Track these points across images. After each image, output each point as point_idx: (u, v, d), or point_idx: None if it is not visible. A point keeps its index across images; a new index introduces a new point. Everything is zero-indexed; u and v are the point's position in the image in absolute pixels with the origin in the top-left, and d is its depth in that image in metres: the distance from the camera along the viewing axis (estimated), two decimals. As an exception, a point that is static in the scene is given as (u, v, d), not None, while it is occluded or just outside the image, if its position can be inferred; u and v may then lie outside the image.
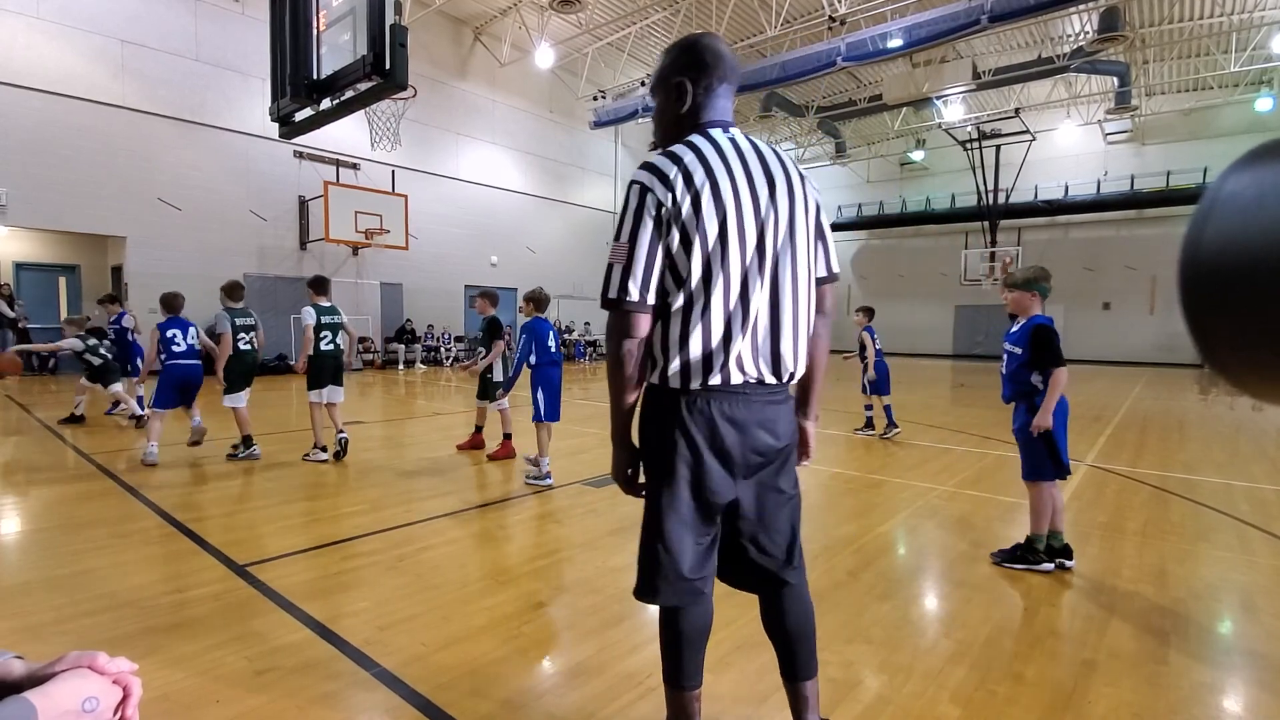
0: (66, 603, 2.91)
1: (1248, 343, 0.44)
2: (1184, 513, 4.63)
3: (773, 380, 1.68)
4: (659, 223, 1.57)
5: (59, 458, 6.05)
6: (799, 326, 1.71)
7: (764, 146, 1.74)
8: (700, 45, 1.73)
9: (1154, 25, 18.06)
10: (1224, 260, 0.44)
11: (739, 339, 1.61)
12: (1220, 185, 0.47)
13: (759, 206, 1.64)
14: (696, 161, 1.60)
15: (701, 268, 1.58)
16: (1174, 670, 2.47)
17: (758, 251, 1.63)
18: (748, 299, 1.62)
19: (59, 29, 12.45)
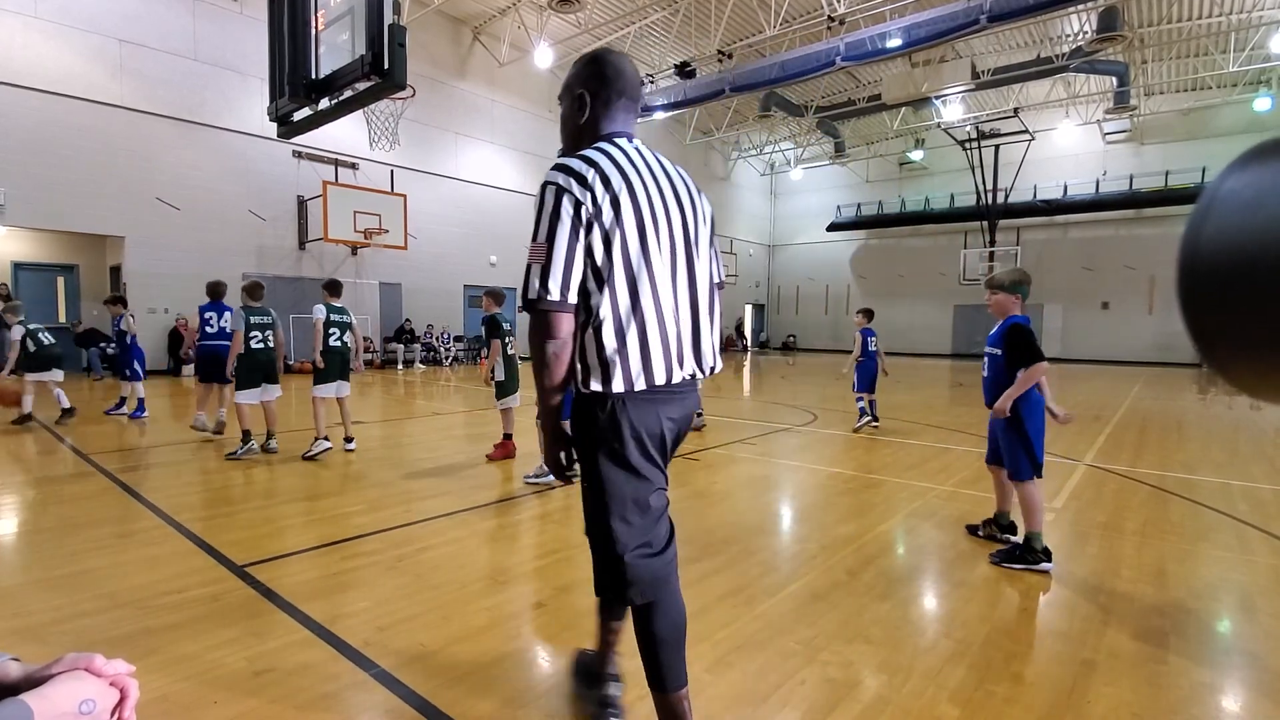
0: (65, 603, 2.91)
1: (1246, 341, 0.44)
2: (1183, 512, 4.64)
3: (701, 376, 1.82)
4: (578, 223, 1.61)
5: (57, 457, 6.04)
6: (714, 326, 1.85)
7: (663, 158, 1.85)
8: (603, 60, 1.82)
9: (1153, 25, 18.08)
10: (1222, 259, 0.44)
11: (671, 340, 1.72)
12: (1218, 185, 0.47)
13: (669, 213, 1.74)
14: (611, 165, 1.66)
15: (625, 270, 1.64)
16: (1173, 670, 2.47)
17: (673, 255, 1.74)
18: (675, 300, 1.73)
19: (57, 28, 12.43)
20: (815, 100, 24.27)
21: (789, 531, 4.31)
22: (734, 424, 8.71)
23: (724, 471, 5.78)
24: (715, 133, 27.25)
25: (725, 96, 18.56)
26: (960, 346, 28.22)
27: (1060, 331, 25.77)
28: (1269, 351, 0.43)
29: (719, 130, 27.07)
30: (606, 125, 1.81)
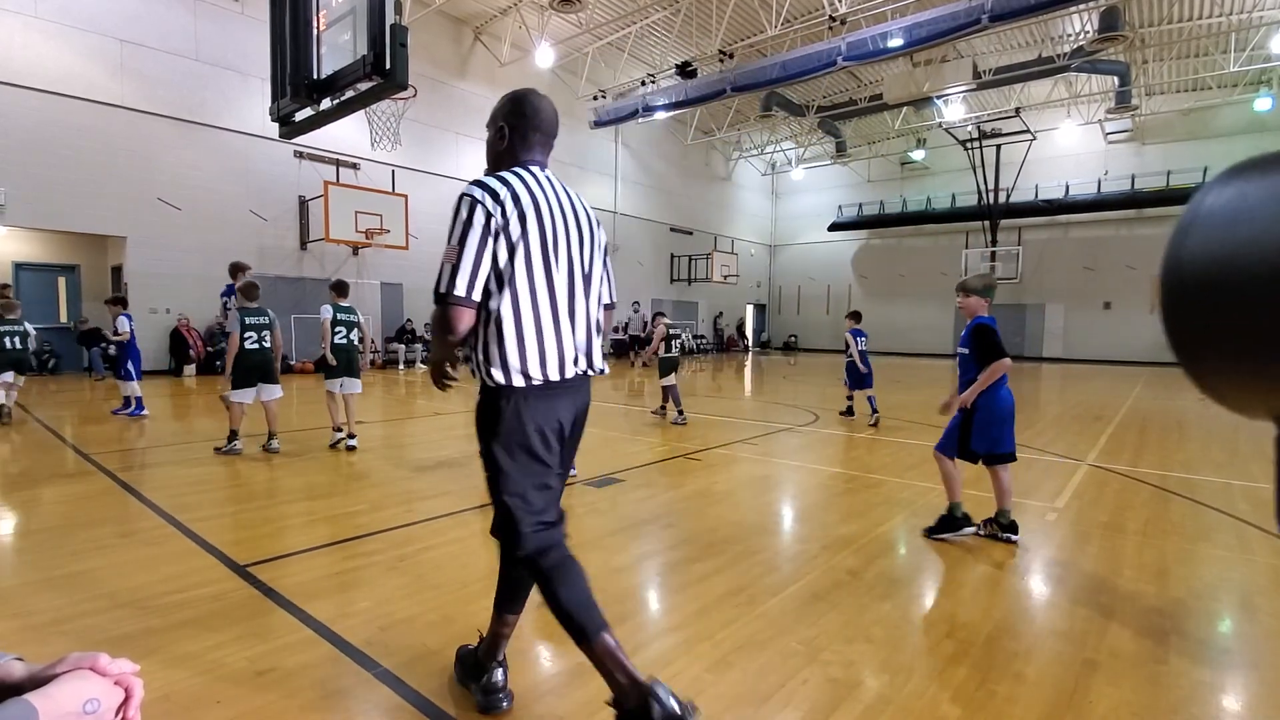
0: (67, 603, 2.91)
1: (1227, 357, 0.45)
2: (1184, 512, 4.63)
3: (592, 373, 2.10)
4: (487, 232, 1.85)
5: (59, 457, 6.05)
6: (601, 332, 2.15)
7: (568, 187, 2.12)
8: (524, 100, 2.09)
9: (1153, 25, 18.06)
10: (1203, 276, 0.44)
11: (567, 340, 1.99)
12: (1201, 200, 0.47)
13: (569, 233, 2.01)
14: (522, 187, 1.92)
15: (526, 276, 1.90)
16: (1174, 670, 2.47)
17: (570, 268, 2.00)
18: (571, 306, 2.00)
19: (57, 28, 12.43)
20: (817, 100, 24.25)
21: (790, 531, 4.31)
22: (735, 424, 8.71)
23: (725, 471, 5.78)
24: (716, 132, 27.24)
25: (726, 96, 18.56)
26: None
27: (1062, 331, 25.75)
28: (1246, 367, 0.44)
29: (720, 130, 27.06)
30: (522, 154, 2.06)
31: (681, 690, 2.26)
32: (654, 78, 20.29)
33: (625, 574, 3.39)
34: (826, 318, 32.47)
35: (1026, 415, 9.84)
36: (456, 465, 5.96)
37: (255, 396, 6.34)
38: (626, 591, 3.17)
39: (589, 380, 2.12)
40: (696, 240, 28.63)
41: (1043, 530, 4.21)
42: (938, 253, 28.44)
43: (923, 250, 29.18)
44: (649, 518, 4.38)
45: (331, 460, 6.00)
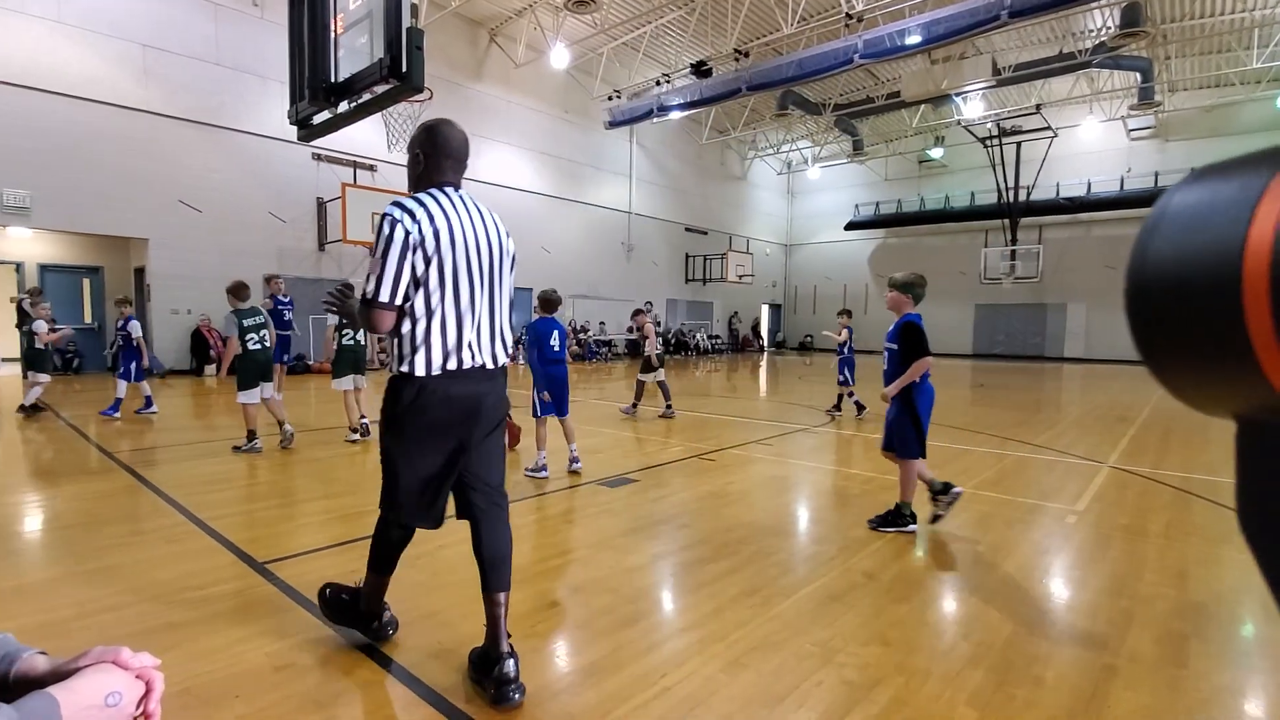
0: (90, 598, 2.97)
1: (1187, 357, 0.46)
2: (1207, 515, 4.55)
3: (491, 366, 2.37)
4: (405, 247, 2.15)
5: (84, 455, 6.17)
6: (506, 331, 2.43)
7: (481, 205, 2.42)
8: (435, 130, 2.38)
9: (1176, 21, 17.74)
10: (1165, 276, 0.45)
11: (469, 338, 2.28)
12: (1166, 202, 0.49)
13: (479, 246, 2.30)
14: (436, 206, 2.22)
15: (439, 283, 2.20)
16: (1194, 674, 2.43)
17: (481, 275, 2.30)
18: (475, 310, 2.29)
19: (82, 34, 12.68)
20: (833, 98, 24.10)
21: (806, 532, 4.28)
22: (750, 424, 8.68)
23: (740, 472, 5.76)
24: (732, 132, 27.16)
25: (742, 95, 18.50)
26: (982, 346, 27.89)
27: (1083, 331, 25.36)
28: (1206, 367, 0.45)
29: (735, 129, 26.98)
30: (437, 177, 2.36)
31: (695, 691, 2.27)
32: (669, 77, 20.28)
33: (639, 574, 3.39)
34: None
35: (1047, 416, 9.71)
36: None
37: (260, 395, 6.44)
38: (640, 591, 3.17)
39: (496, 373, 2.41)
40: (711, 240, 28.57)
41: (1062, 533, 4.15)
42: (956, 252, 28.14)
43: (941, 249, 28.87)
44: (663, 518, 4.37)
45: (347, 459, 6.07)
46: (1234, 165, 0.44)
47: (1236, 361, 0.41)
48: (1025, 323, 26.76)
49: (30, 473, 5.53)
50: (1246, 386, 0.41)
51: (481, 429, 2.36)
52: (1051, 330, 26.14)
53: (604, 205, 23.95)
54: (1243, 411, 0.46)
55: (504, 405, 2.47)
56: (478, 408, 2.34)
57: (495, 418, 2.42)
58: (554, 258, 22.01)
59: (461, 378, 2.28)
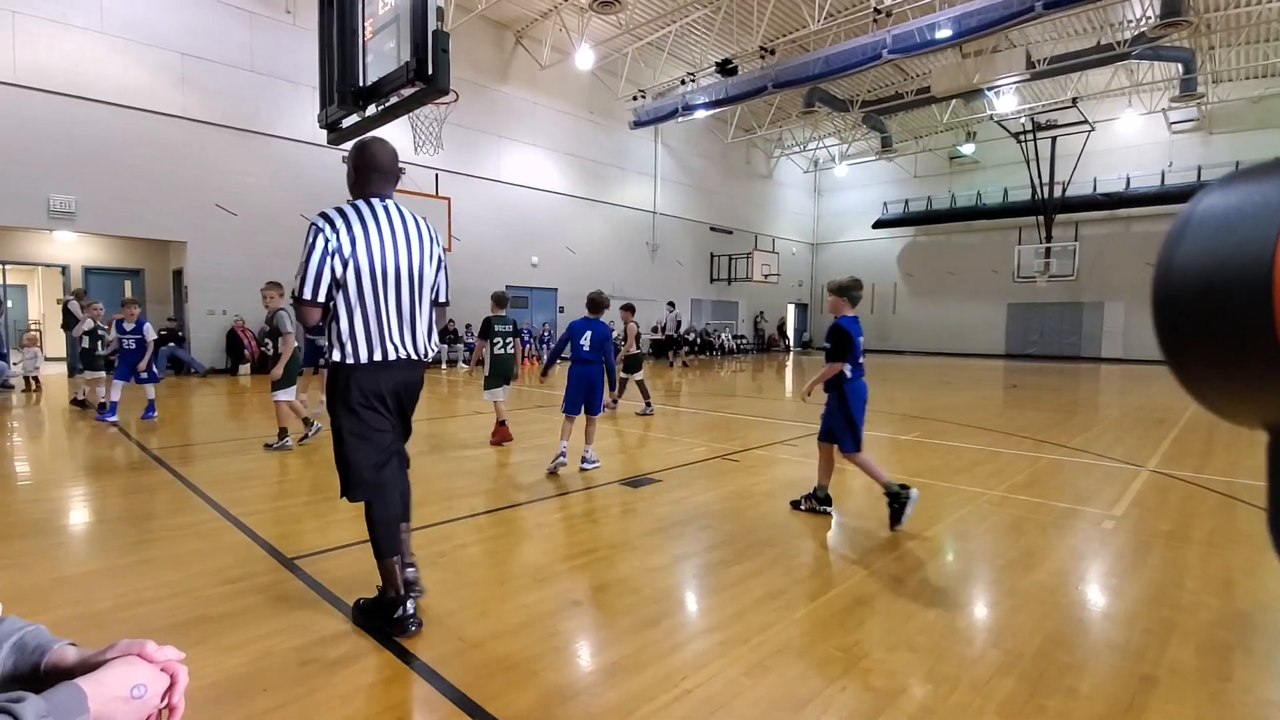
0: (127, 590, 3.05)
1: (1215, 365, 0.44)
2: (1253, 521, 4.37)
3: (415, 357, 2.74)
4: (325, 252, 2.49)
5: (125, 452, 6.36)
6: (428, 325, 2.81)
7: (407, 213, 2.73)
8: (365, 147, 2.68)
9: (1220, 9, 17.12)
10: (1193, 282, 0.43)
11: (390, 332, 2.62)
12: (1195, 206, 0.47)
13: (398, 249, 2.63)
14: (355, 216, 2.56)
15: (356, 284, 2.53)
16: (1239, 687, 2.33)
17: (398, 276, 2.63)
18: (394, 307, 2.63)
19: (124, 43, 13.10)
20: (860, 95, 23.79)
21: (832, 535, 4.22)
22: (776, 425, 8.61)
23: (765, 473, 5.71)
24: (757, 130, 26.99)
25: (768, 93, 18.36)
26: (1015, 347, 27.28)
27: (1121, 331, 24.65)
28: (1235, 375, 0.42)
29: (761, 127, 26.80)
30: (366, 189, 2.68)
31: (717, 694, 2.24)
32: (694, 76, 20.22)
33: (661, 574, 3.38)
34: (871, 317, 31.80)
35: (1083, 418, 9.44)
36: (496, 464, 6.04)
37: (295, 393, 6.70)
38: (663, 592, 3.15)
39: (416, 362, 2.76)
40: (737, 239, 28.42)
41: (1099, 538, 4.02)
42: (989, 249, 27.57)
43: (973, 247, 28.32)
44: (686, 519, 4.35)
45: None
46: (1260, 172, 0.42)
47: (1267, 369, 0.39)
48: (1060, 322, 26.10)
49: (73, 469, 5.72)
50: (1277, 395, 0.39)
51: (406, 411, 2.82)
52: (1088, 330, 25.46)
53: (629, 205, 23.97)
54: (1274, 421, 0.44)
55: (417, 394, 2.86)
56: (402, 393, 2.73)
57: (413, 403, 2.86)
58: (579, 258, 22.10)
59: (388, 367, 2.64)
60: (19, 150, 12.07)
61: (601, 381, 5.77)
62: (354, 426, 2.64)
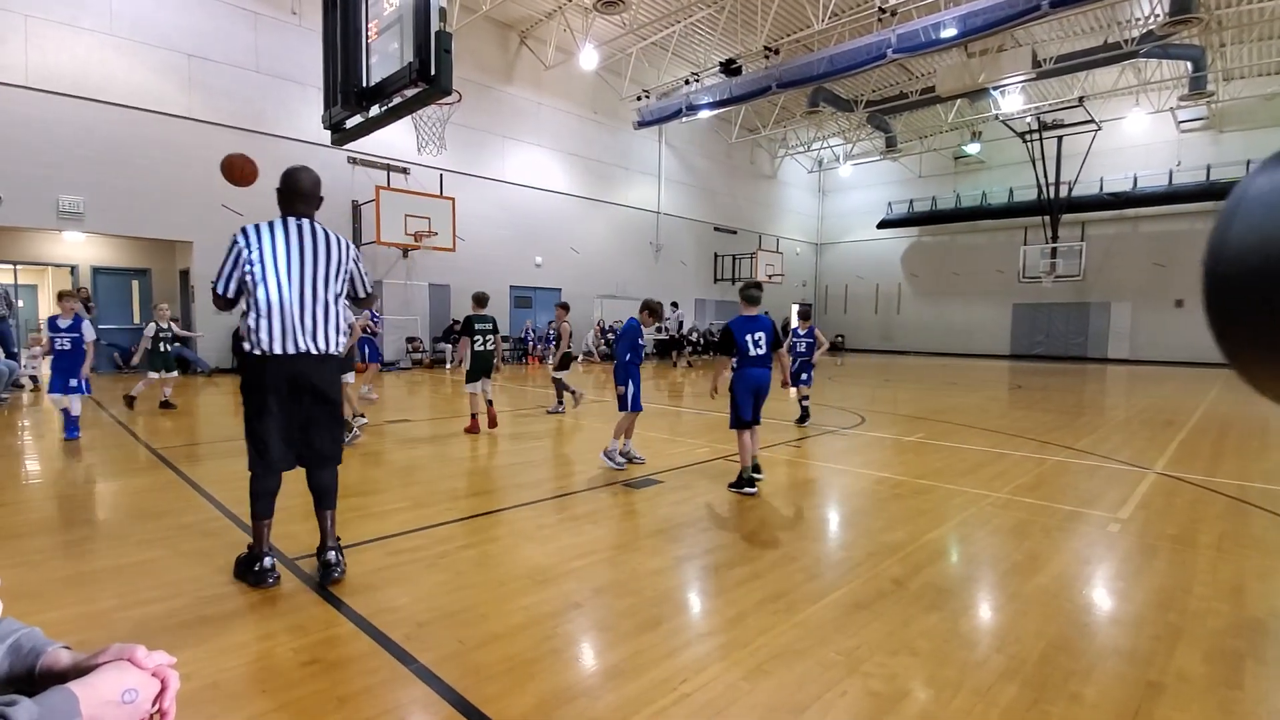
0: (128, 590, 3.06)
1: (1270, 345, 0.41)
2: (1265, 526, 4.32)
3: (315, 352, 3.11)
4: (238, 259, 3.03)
5: (129, 452, 6.39)
6: (329, 323, 3.17)
7: (320, 229, 3.20)
8: (288, 175, 3.21)
9: (1231, 6, 16.98)
10: (1249, 261, 0.41)
11: (292, 329, 3.04)
12: (1246, 186, 0.44)
13: (304, 258, 3.09)
14: (269, 232, 3.07)
15: (263, 286, 3.00)
16: (1249, 696, 2.29)
17: (301, 284, 3.07)
18: (296, 308, 3.05)
19: (131, 45, 13.16)
20: (865, 94, 23.71)
21: (833, 537, 4.20)
22: (778, 426, 8.58)
23: (767, 474, 5.68)
24: (761, 130, 26.94)
25: (772, 93, 18.32)
26: (1020, 347, 27.14)
27: (1128, 331, 24.50)
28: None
29: (765, 127, 26.75)
30: (286, 209, 3.19)
31: (716, 697, 2.23)
32: (698, 76, 20.19)
33: (662, 576, 3.36)
34: (875, 317, 31.72)
35: (1089, 419, 9.38)
36: (497, 465, 6.04)
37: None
38: (663, 594, 3.14)
39: (318, 356, 3.13)
40: (740, 239, 28.37)
41: (1105, 542, 3.99)
42: (994, 250, 27.45)
43: (978, 247, 28.20)
44: (687, 520, 4.34)
45: (375, 458, 6.16)
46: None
47: None
48: (1066, 323, 25.95)
49: (80, 467, 5.74)
50: None
51: (309, 401, 3.12)
52: (1095, 330, 25.31)
53: (633, 205, 23.95)
54: None
55: (327, 385, 3.17)
56: (303, 383, 3.08)
57: (321, 393, 3.14)
58: (582, 258, 22.10)
59: (289, 360, 3.04)
60: (29, 152, 12.13)
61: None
62: (254, 409, 3.07)
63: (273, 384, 3.03)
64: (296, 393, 3.08)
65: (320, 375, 3.13)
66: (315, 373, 3.11)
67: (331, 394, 3.19)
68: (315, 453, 3.18)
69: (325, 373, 3.15)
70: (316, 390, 3.12)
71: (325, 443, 3.20)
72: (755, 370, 5.08)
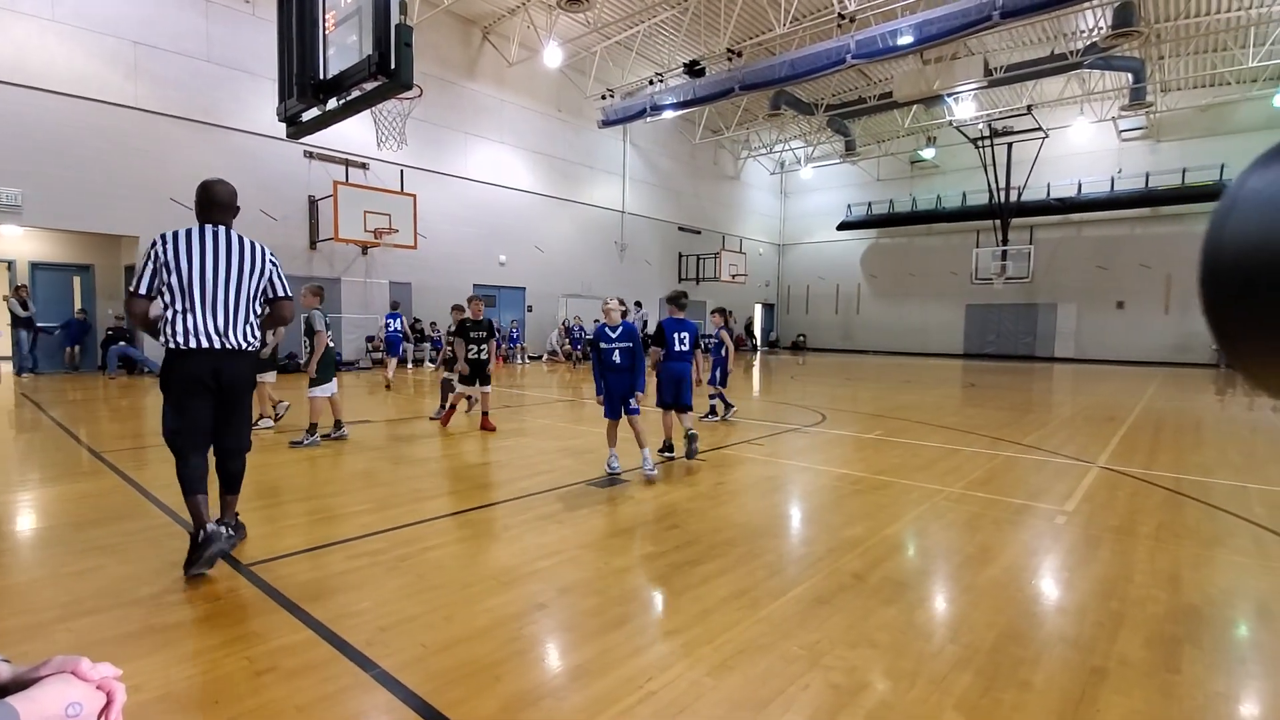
0: (71, 600, 2.93)
1: (1268, 339, 0.43)
2: (1199, 516, 4.56)
3: (228, 348, 3.31)
4: (156, 262, 3.21)
5: (71, 455, 6.11)
6: (241, 320, 3.37)
7: (236, 235, 3.42)
8: (204, 187, 3.41)
9: (1170, 20, 17.82)
10: (1245, 258, 0.43)
11: (205, 327, 3.25)
12: (1241, 184, 0.46)
13: (218, 262, 3.30)
14: (184, 237, 3.26)
15: (180, 287, 3.21)
16: (1187, 679, 2.42)
17: (215, 285, 3.28)
18: (210, 307, 3.27)
19: (73, 31, 12.58)
20: (825, 98, 24.14)
21: (795, 533, 4.27)
22: (742, 424, 8.68)
23: (731, 472, 5.75)
24: (725, 131, 27.18)
25: (735, 95, 18.50)
26: (973, 347, 27.99)
27: (1074, 331, 25.50)
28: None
29: (729, 129, 27.00)
30: (203, 218, 3.38)
31: (681, 695, 2.25)
32: (662, 77, 20.26)
33: (627, 575, 3.37)
34: (836, 317, 32.33)
35: (1037, 416, 9.74)
36: (463, 465, 5.97)
37: (332, 390, 6.90)
38: (628, 593, 3.15)
39: (234, 351, 3.33)
40: (705, 239, 28.58)
41: (1052, 533, 4.15)
42: (948, 252, 28.25)
43: (933, 249, 28.99)
44: (653, 518, 4.36)
45: (336, 459, 6.02)
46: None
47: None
48: (1016, 323, 26.89)
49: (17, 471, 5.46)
50: None
51: (222, 393, 3.34)
52: (1042, 330, 26.27)
53: (597, 204, 23.92)
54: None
55: (242, 379, 3.40)
56: (215, 377, 3.29)
57: (233, 386, 3.36)
58: (547, 257, 21.97)
59: (202, 355, 3.25)
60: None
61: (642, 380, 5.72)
62: (173, 400, 3.27)
63: (192, 377, 3.24)
64: (214, 386, 3.30)
65: (236, 370, 3.35)
66: (232, 367, 3.33)
67: (246, 388, 3.45)
68: (228, 442, 3.45)
69: (241, 367, 3.38)
70: (232, 384, 3.35)
71: (237, 433, 3.48)
72: (677, 364, 5.72)
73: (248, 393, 3.49)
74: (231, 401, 3.39)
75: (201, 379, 3.24)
